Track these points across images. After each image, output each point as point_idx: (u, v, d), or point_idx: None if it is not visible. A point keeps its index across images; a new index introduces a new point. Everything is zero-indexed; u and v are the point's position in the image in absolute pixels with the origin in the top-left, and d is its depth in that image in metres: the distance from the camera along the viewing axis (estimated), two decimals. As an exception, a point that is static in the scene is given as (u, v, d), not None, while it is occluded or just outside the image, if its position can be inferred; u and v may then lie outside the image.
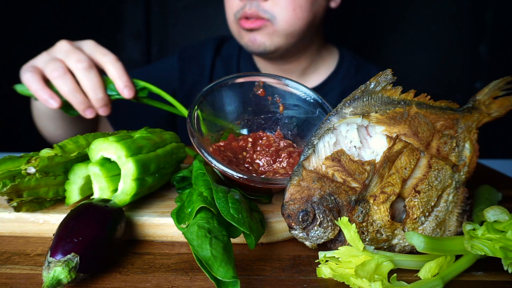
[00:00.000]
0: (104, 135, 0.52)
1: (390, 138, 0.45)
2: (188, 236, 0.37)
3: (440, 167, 0.46)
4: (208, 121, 0.57)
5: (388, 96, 0.46)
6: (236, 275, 0.33)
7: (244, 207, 0.43)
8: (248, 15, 0.93)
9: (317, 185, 0.43)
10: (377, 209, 0.43)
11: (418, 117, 0.47)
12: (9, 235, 0.47)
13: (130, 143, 0.46)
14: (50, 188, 0.47)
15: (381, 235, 0.43)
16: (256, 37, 0.96)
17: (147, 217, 0.46)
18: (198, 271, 0.40)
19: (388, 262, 0.39)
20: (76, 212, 0.39)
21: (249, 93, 0.62)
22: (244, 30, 0.97)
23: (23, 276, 0.38)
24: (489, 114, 0.52)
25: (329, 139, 0.44)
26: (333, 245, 0.43)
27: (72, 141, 0.49)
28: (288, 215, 0.42)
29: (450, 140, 0.48)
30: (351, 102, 0.45)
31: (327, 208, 0.42)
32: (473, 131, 0.50)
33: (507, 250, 0.37)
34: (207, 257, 0.34)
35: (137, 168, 0.45)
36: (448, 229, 0.46)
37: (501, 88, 0.52)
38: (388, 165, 0.43)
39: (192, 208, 0.41)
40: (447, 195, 0.46)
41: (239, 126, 0.61)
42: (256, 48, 0.98)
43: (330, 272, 0.38)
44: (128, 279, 0.38)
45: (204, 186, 0.45)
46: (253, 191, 0.51)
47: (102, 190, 0.46)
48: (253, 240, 0.40)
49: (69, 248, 0.35)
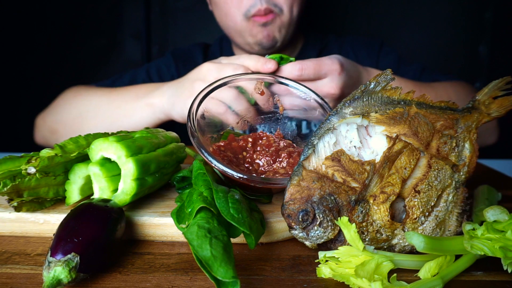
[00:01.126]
0: (104, 135, 0.52)
1: (390, 138, 0.45)
2: (188, 236, 0.37)
3: (440, 167, 0.46)
4: (208, 121, 0.57)
5: (388, 96, 0.46)
6: (236, 275, 0.33)
7: (244, 207, 0.43)
8: (263, 11, 1.00)
9: (317, 185, 0.43)
10: (377, 209, 0.43)
11: (418, 117, 0.47)
12: (9, 235, 0.47)
13: (130, 143, 0.47)
14: (50, 188, 0.47)
15: (381, 235, 0.43)
16: (269, 30, 1.03)
17: (147, 217, 0.47)
18: (198, 271, 0.40)
19: (388, 262, 0.39)
20: (76, 212, 0.39)
21: (250, 93, 0.62)
22: (258, 27, 1.02)
23: (23, 276, 0.38)
24: (489, 114, 0.52)
25: (329, 139, 0.44)
26: (333, 245, 0.43)
27: (72, 141, 0.49)
28: (288, 215, 0.42)
29: (450, 140, 0.48)
30: (351, 102, 0.45)
31: (327, 208, 0.42)
32: (473, 131, 0.50)
33: (507, 250, 0.37)
34: (207, 257, 0.35)
35: (137, 168, 0.45)
36: (448, 229, 0.46)
37: (501, 88, 0.52)
38: (388, 165, 0.43)
39: (192, 208, 0.41)
40: (447, 195, 0.46)
41: (239, 126, 0.61)
42: (269, 43, 1.05)
43: (330, 272, 0.38)
44: (128, 279, 0.38)
45: (204, 186, 0.45)
46: (253, 191, 0.51)
47: (102, 190, 0.46)
48: (253, 240, 0.40)
49: (69, 248, 0.35)
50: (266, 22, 1.01)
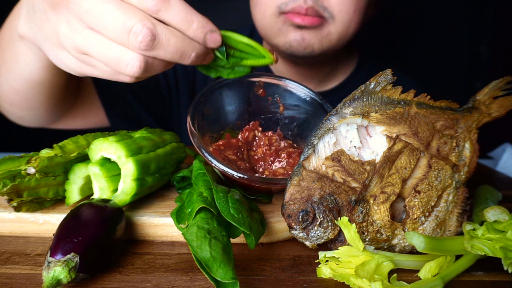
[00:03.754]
0: (104, 135, 0.52)
1: (390, 138, 0.45)
2: (187, 237, 0.37)
3: (440, 167, 0.46)
4: (209, 121, 0.57)
5: (388, 96, 0.46)
6: (235, 276, 0.33)
7: (244, 207, 0.43)
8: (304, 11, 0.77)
9: (317, 185, 0.43)
10: (377, 209, 0.43)
11: (418, 117, 0.47)
12: (9, 235, 0.47)
13: (130, 143, 0.46)
14: (50, 188, 0.47)
15: (381, 235, 0.43)
16: (306, 36, 0.80)
17: (147, 217, 0.46)
18: (198, 271, 0.40)
19: (388, 262, 0.39)
20: (76, 212, 0.39)
21: (250, 93, 0.62)
22: (291, 26, 0.81)
23: (23, 276, 0.38)
24: (489, 114, 0.52)
25: (329, 139, 0.44)
26: (333, 245, 0.43)
27: (72, 141, 0.49)
28: (288, 215, 0.42)
29: (450, 140, 0.48)
30: (351, 102, 0.45)
31: (327, 208, 0.42)
32: (473, 131, 0.50)
33: (507, 250, 0.37)
34: (207, 258, 0.34)
35: (137, 168, 0.45)
36: (448, 229, 0.46)
37: (501, 88, 0.52)
38: (388, 165, 0.43)
39: (192, 208, 0.41)
40: (447, 195, 0.46)
41: (240, 126, 0.61)
42: (301, 50, 0.82)
43: (330, 272, 0.38)
44: (128, 279, 0.38)
45: (204, 186, 0.45)
46: (253, 191, 0.51)
47: (102, 190, 0.46)
48: (253, 240, 0.40)
49: (69, 248, 0.35)
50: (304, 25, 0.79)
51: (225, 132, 0.60)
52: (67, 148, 0.48)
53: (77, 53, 0.42)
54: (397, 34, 1.67)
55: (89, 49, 0.41)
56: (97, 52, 0.41)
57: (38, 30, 0.47)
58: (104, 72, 0.43)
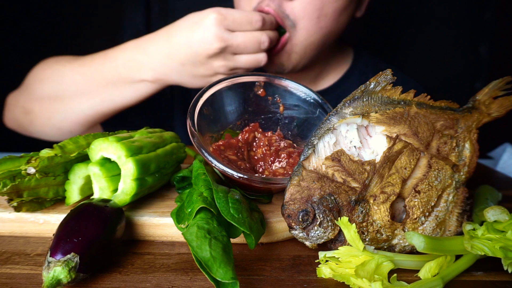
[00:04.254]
0: (104, 135, 0.52)
1: (390, 138, 0.45)
2: (187, 237, 0.37)
3: (440, 167, 0.46)
4: (209, 121, 0.57)
5: (388, 96, 0.46)
6: (235, 276, 0.33)
7: (244, 207, 0.43)
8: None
9: (317, 185, 0.43)
10: (377, 209, 0.43)
11: (418, 117, 0.47)
12: (9, 235, 0.47)
13: (130, 143, 0.46)
14: (50, 188, 0.47)
15: (381, 235, 0.43)
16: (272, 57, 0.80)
17: (147, 217, 0.46)
18: (198, 271, 0.40)
19: (388, 262, 0.39)
20: (76, 212, 0.39)
21: (250, 93, 0.61)
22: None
23: (23, 276, 0.38)
24: (489, 114, 0.52)
25: (329, 139, 0.44)
26: (333, 245, 0.43)
27: (72, 141, 0.49)
28: (288, 215, 0.42)
29: (450, 140, 0.48)
30: (351, 102, 0.45)
31: (327, 208, 0.42)
32: (473, 131, 0.50)
33: (507, 250, 0.37)
34: (206, 258, 0.34)
35: (137, 168, 0.45)
36: (448, 229, 0.46)
37: (501, 88, 0.52)
38: (388, 165, 0.43)
39: (192, 208, 0.41)
40: (447, 195, 0.46)
41: (240, 126, 0.61)
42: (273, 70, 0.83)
43: (330, 272, 0.38)
44: (128, 279, 0.38)
45: (204, 186, 0.45)
46: (253, 191, 0.51)
47: (102, 190, 0.46)
48: (253, 240, 0.40)
49: (69, 248, 0.35)
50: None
51: (225, 132, 0.60)
52: (67, 148, 0.48)
53: (228, 71, 0.73)
54: (397, 34, 1.67)
55: (237, 66, 0.73)
56: (243, 63, 0.73)
57: (186, 74, 0.75)
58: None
